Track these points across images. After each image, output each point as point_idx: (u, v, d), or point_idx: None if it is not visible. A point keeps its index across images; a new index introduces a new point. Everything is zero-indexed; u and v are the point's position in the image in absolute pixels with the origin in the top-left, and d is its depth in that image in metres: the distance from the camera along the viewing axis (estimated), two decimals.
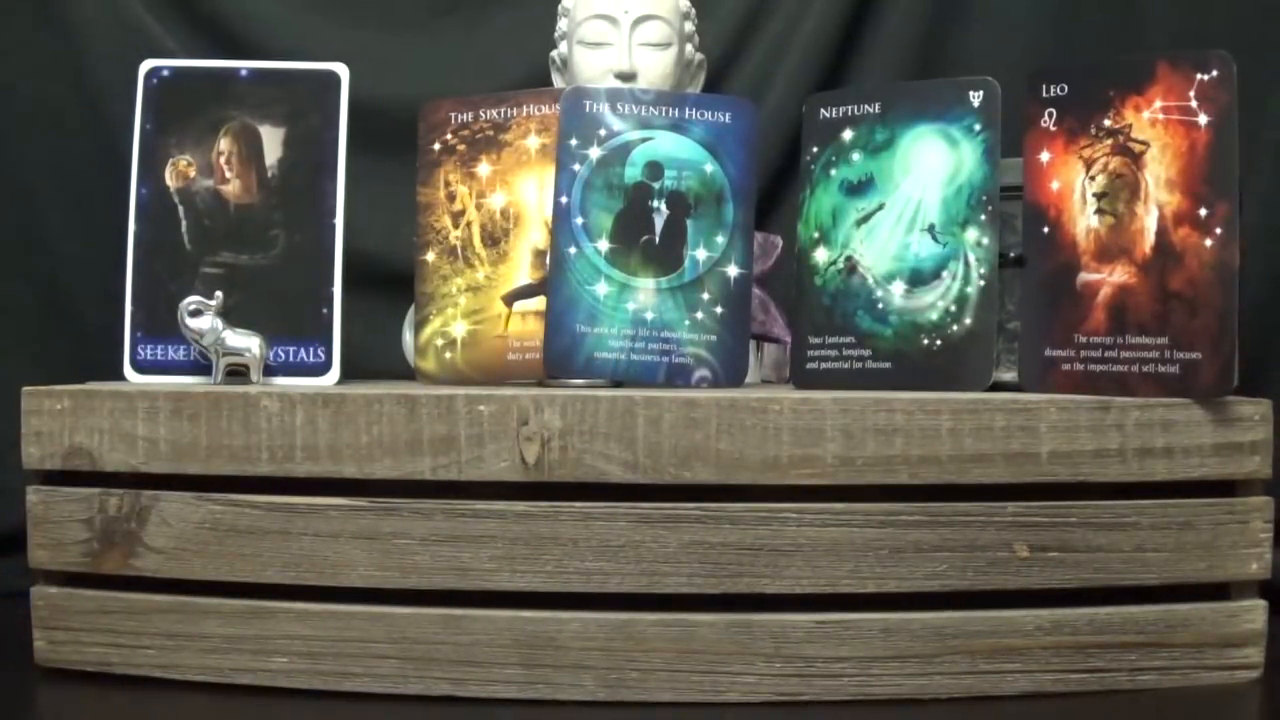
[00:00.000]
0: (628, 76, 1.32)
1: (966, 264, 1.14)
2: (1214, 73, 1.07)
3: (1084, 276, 1.11)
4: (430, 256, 1.22)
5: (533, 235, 1.20)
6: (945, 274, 1.15)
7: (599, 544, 1.04)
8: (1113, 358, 1.09)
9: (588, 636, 1.04)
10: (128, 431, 1.08)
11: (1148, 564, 1.06)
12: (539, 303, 1.18)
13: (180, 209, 1.20)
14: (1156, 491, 1.06)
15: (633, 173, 1.18)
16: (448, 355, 1.21)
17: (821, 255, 1.20)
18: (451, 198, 1.22)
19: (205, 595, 1.07)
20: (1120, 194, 1.10)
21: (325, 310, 1.19)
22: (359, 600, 1.06)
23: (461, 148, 1.22)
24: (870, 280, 1.17)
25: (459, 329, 1.21)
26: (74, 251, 1.48)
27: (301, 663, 1.06)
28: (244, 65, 1.24)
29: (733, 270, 1.17)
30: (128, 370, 1.20)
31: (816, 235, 1.20)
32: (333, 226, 1.20)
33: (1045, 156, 1.15)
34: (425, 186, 1.23)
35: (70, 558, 1.08)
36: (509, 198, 1.21)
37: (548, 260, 1.17)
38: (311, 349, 1.19)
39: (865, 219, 1.18)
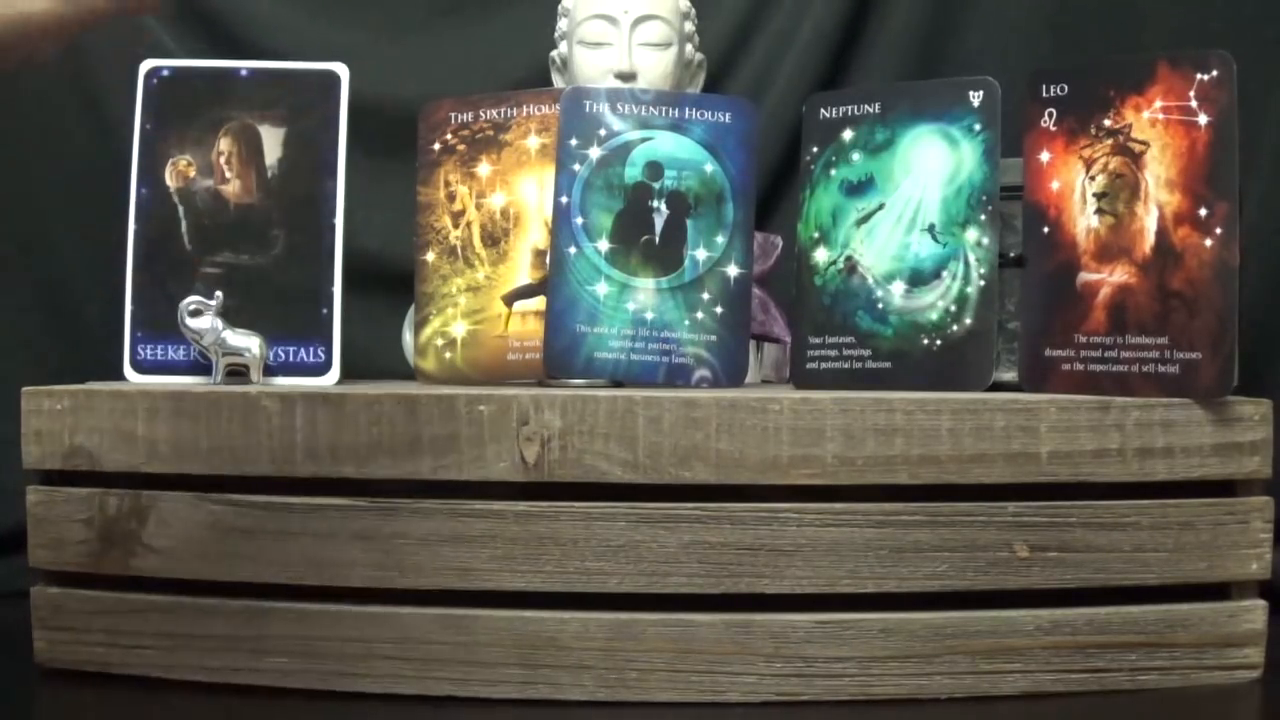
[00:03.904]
0: (628, 76, 1.32)
1: (966, 264, 1.14)
2: (1214, 73, 1.07)
3: (1084, 276, 1.11)
4: (430, 256, 1.22)
5: (533, 235, 1.20)
6: (945, 274, 1.15)
7: (599, 544, 1.04)
8: (1113, 358, 1.09)
9: (588, 636, 1.04)
10: (128, 431, 1.08)
11: (1147, 564, 1.06)
12: (539, 303, 1.18)
13: (180, 209, 1.20)
14: (1156, 491, 1.06)
15: (633, 173, 1.18)
16: (448, 355, 1.21)
17: (821, 255, 1.20)
18: (451, 198, 1.22)
19: (205, 595, 1.07)
20: (1120, 194, 1.10)
21: (325, 310, 1.19)
22: (359, 600, 1.06)
23: (461, 148, 1.22)
24: (870, 280, 1.17)
25: (459, 329, 1.21)
26: (74, 251, 1.48)
27: (301, 663, 1.06)
28: (244, 65, 1.23)
29: (733, 270, 1.17)
30: (128, 370, 1.20)
31: (816, 235, 1.20)
32: (333, 226, 1.20)
33: (1045, 156, 1.14)
34: (425, 186, 1.23)
35: (70, 558, 1.08)
36: (509, 198, 1.21)
37: (548, 260, 1.17)
38: (311, 349, 1.19)
39: (865, 219, 1.18)
